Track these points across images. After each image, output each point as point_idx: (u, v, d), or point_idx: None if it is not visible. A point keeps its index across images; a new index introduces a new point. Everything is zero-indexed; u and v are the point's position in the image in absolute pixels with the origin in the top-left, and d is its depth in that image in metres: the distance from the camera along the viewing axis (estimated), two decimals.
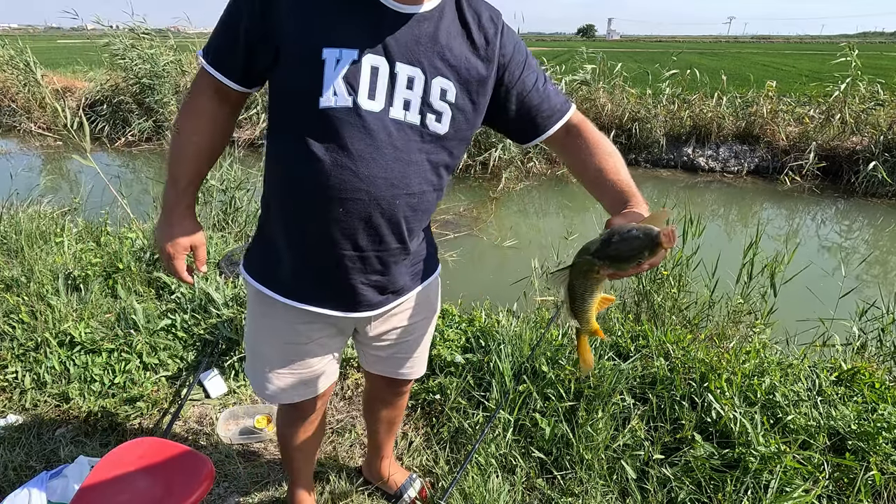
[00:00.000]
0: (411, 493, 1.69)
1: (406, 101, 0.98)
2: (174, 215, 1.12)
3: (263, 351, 1.24)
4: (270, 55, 0.97)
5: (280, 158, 1.04)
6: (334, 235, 1.02)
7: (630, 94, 8.59)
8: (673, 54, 9.83)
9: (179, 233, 1.13)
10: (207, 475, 1.29)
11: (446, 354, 2.17)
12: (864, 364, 2.12)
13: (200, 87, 1.07)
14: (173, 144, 1.09)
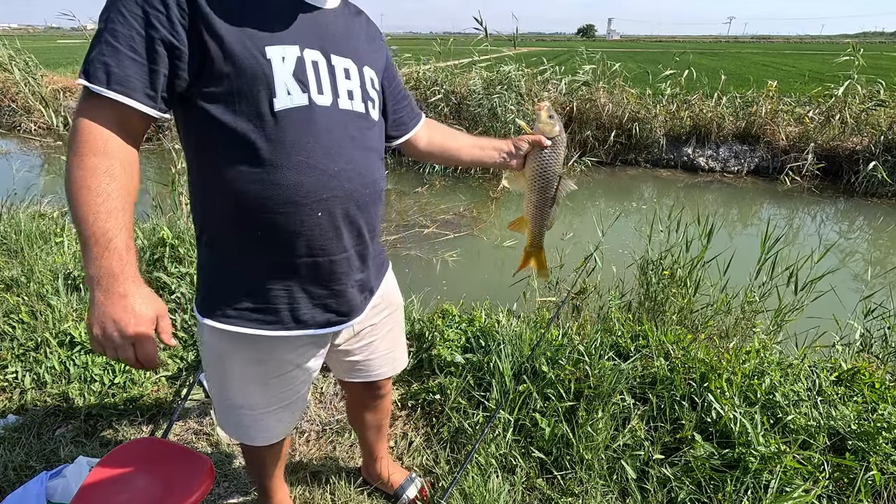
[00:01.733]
0: (410, 493, 1.69)
1: (349, 91, 0.99)
2: (125, 284, 0.85)
3: (253, 401, 1.13)
4: (196, 66, 0.87)
5: (234, 181, 0.91)
6: (322, 242, 0.99)
7: (630, 94, 8.59)
8: (675, 55, 9.83)
9: (141, 305, 0.86)
10: (207, 475, 1.29)
11: (446, 354, 2.17)
12: (864, 364, 2.12)
13: (100, 122, 0.84)
14: (85, 202, 0.82)
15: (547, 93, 8.52)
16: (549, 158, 1.26)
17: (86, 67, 0.82)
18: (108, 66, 0.82)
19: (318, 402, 2.14)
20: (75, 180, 0.82)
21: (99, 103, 0.83)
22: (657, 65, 11.14)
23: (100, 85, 0.82)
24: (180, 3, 0.83)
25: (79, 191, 0.82)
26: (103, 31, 0.82)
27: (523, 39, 11.76)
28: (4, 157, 8.69)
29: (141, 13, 0.82)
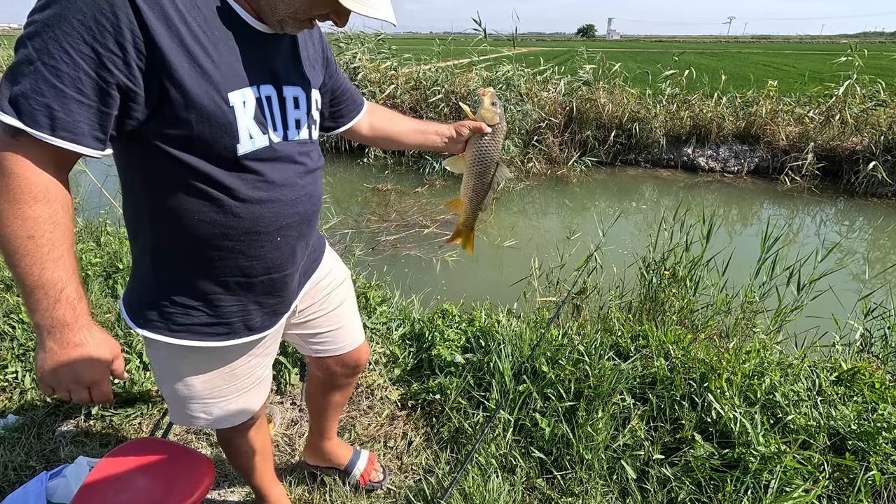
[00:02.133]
0: (361, 465, 1.71)
1: (297, 120, 1.01)
2: (79, 333, 0.82)
3: (213, 395, 1.14)
4: (151, 108, 0.82)
5: (192, 213, 0.91)
6: (279, 262, 1.03)
7: (630, 94, 8.59)
8: (674, 55, 9.83)
9: (97, 350, 0.85)
10: (207, 475, 1.29)
11: (446, 354, 2.17)
12: (864, 364, 2.12)
13: (38, 165, 0.77)
14: (29, 254, 0.77)
15: (547, 93, 8.52)
16: (487, 145, 1.31)
17: (18, 103, 0.73)
18: (52, 110, 0.74)
19: None
20: (16, 231, 0.76)
21: (34, 145, 0.75)
22: (657, 65, 11.15)
23: (42, 131, 0.74)
24: (137, 45, 0.76)
25: (22, 242, 0.76)
26: (38, 64, 0.72)
27: (523, 39, 11.76)
28: None
29: (91, 53, 0.74)
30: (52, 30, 0.72)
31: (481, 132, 1.29)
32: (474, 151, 1.32)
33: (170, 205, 0.90)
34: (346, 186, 7.26)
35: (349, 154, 8.99)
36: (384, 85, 8.74)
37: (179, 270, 0.98)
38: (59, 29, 0.72)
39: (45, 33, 0.72)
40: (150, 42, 0.77)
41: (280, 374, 2.23)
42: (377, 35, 9.53)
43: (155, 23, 0.77)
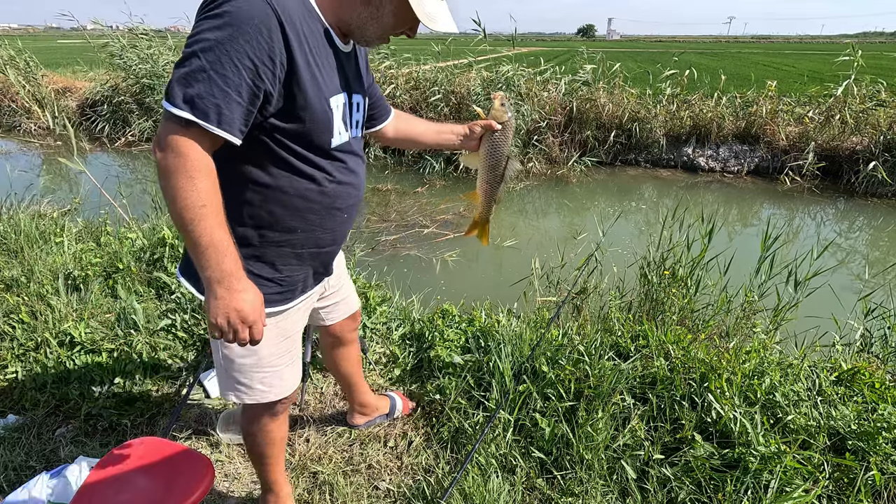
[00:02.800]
0: (400, 406, 2.03)
1: (357, 121, 1.25)
2: (241, 281, 1.01)
3: (275, 361, 1.30)
4: (278, 107, 1.04)
5: (291, 190, 1.13)
6: (339, 231, 1.27)
7: (630, 94, 8.59)
8: (674, 54, 9.83)
9: (254, 297, 1.04)
10: (207, 475, 1.29)
11: (444, 355, 2.17)
12: (864, 364, 2.12)
13: (193, 146, 0.95)
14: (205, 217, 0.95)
15: (547, 93, 8.52)
16: (498, 140, 1.49)
17: (194, 102, 0.92)
18: (220, 109, 0.94)
19: (319, 401, 2.14)
20: (193, 201, 0.94)
21: (202, 134, 0.95)
22: (657, 65, 11.15)
23: (210, 124, 0.94)
24: (282, 60, 0.99)
25: (198, 210, 0.95)
26: (211, 72, 0.92)
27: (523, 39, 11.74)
28: (4, 157, 8.69)
29: (251, 65, 0.95)
30: (224, 47, 0.93)
31: (492, 129, 1.46)
32: (487, 147, 1.48)
33: (272, 183, 1.11)
34: None
35: None
36: (384, 85, 8.73)
37: (263, 245, 1.16)
38: (230, 46, 0.93)
39: (217, 49, 0.93)
40: (290, 58, 1.00)
41: None
42: None
43: (294, 44, 1.00)
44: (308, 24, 1.05)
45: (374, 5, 1.10)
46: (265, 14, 0.95)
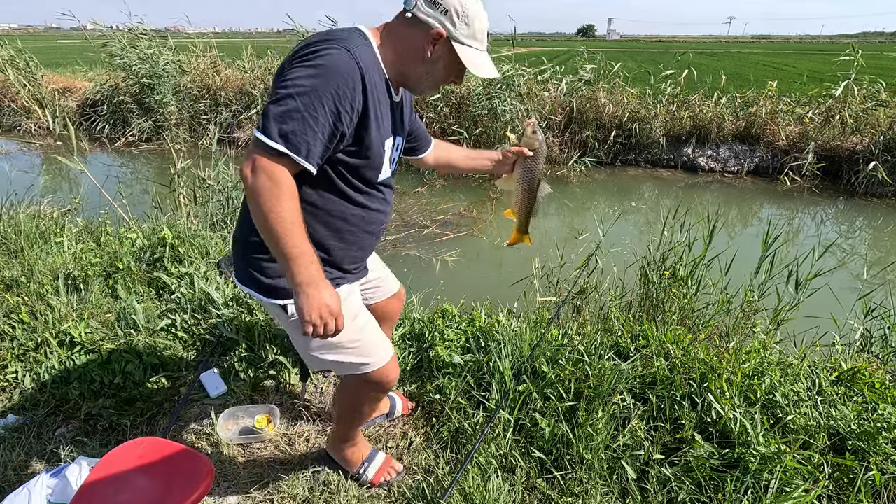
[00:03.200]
0: (400, 406, 2.07)
1: (393, 159, 1.44)
2: (323, 280, 1.20)
3: (373, 324, 1.53)
4: (346, 145, 1.23)
5: (339, 212, 1.35)
6: (368, 248, 1.50)
7: (630, 94, 8.59)
8: (676, 55, 9.83)
9: (335, 294, 1.22)
10: (207, 475, 1.29)
11: (444, 356, 2.16)
12: (864, 364, 2.12)
13: (284, 171, 1.14)
14: (293, 233, 1.14)
15: (547, 93, 8.52)
16: (531, 165, 1.62)
17: (288, 138, 1.11)
18: (309, 145, 1.13)
19: (319, 402, 2.14)
20: (286, 219, 1.13)
21: (291, 163, 1.14)
22: (657, 65, 11.14)
23: (300, 157, 1.13)
24: (358, 108, 1.18)
25: (289, 226, 1.13)
26: (305, 113, 1.10)
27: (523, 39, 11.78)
28: (4, 157, 8.69)
29: (335, 111, 1.13)
30: (317, 93, 1.11)
31: (525, 155, 1.60)
32: (521, 171, 1.63)
33: (321, 205, 1.32)
34: None
35: None
36: None
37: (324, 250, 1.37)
38: (322, 93, 1.11)
39: (311, 95, 1.10)
40: (364, 107, 1.19)
41: (280, 373, 2.23)
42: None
43: (369, 94, 1.19)
44: (377, 77, 1.23)
45: (430, 62, 1.27)
46: (352, 69, 1.14)
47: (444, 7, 1.23)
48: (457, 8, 1.23)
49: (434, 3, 1.23)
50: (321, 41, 1.16)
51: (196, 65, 9.96)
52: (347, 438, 1.75)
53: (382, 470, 1.77)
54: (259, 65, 10.14)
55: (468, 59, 1.27)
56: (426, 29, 1.24)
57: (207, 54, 10.21)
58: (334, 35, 1.18)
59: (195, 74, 9.81)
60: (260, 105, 9.32)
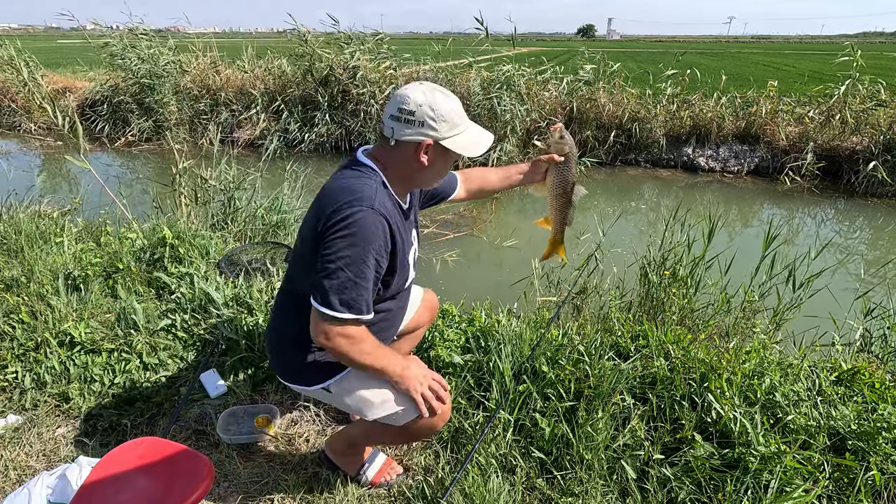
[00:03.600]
0: None
1: (414, 262, 1.57)
2: (408, 363, 1.44)
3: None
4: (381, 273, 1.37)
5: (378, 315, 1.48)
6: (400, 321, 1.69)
7: (630, 94, 8.59)
8: (677, 55, 9.82)
9: (421, 366, 1.47)
10: (207, 475, 1.29)
11: (445, 356, 2.16)
12: (864, 364, 2.12)
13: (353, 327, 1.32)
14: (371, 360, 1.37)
15: (548, 93, 8.51)
16: (563, 170, 1.64)
17: (350, 305, 1.28)
18: (367, 302, 1.31)
19: (318, 402, 2.14)
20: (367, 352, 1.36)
21: (356, 320, 1.31)
22: (657, 65, 11.14)
23: (364, 315, 1.31)
24: (388, 249, 1.34)
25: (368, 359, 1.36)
26: (356, 279, 1.27)
27: (523, 39, 11.79)
28: (4, 157, 8.69)
29: (376, 262, 1.30)
30: (360, 258, 1.27)
31: (556, 162, 1.63)
32: (554, 178, 1.66)
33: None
34: None
35: (349, 154, 8.97)
36: (384, 85, 8.74)
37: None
38: (364, 256, 1.27)
39: (357, 261, 1.27)
40: (393, 245, 1.36)
41: None
42: (376, 35, 9.52)
43: (395, 235, 1.35)
44: (393, 208, 1.37)
45: (431, 165, 1.37)
46: (381, 223, 1.29)
47: (419, 121, 1.29)
48: (429, 114, 1.29)
49: (409, 122, 1.30)
50: (348, 204, 1.28)
51: (196, 65, 9.96)
52: (358, 446, 1.75)
53: (383, 471, 1.76)
54: (259, 65, 10.14)
55: (461, 148, 1.36)
56: (414, 145, 1.32)
57: (207, 54, 10.21)
58: (356, 193, 1.30)
59: (195, 74, 9.81)
60: (260, 105, 9.32)
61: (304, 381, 1.51)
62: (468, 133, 1.37)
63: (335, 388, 1.50)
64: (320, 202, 1.34)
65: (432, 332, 2.32)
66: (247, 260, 3.08)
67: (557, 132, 1.61)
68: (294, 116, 9.16)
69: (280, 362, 1.54)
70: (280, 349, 1.53)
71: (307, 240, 1.36)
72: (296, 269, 1.47)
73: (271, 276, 2.82)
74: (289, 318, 1.48)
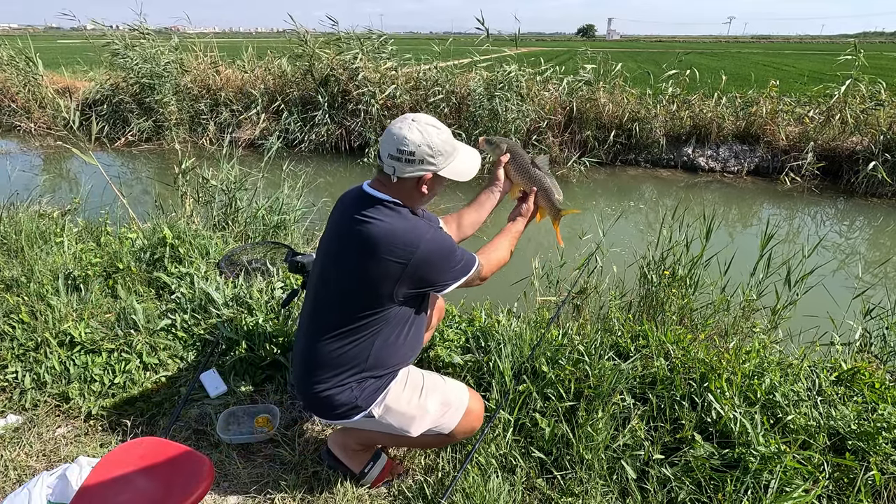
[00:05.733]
0: None
1: None
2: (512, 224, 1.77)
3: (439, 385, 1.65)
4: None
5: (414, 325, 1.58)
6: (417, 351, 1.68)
7: (630, 94, 8.58)
8: (678, 55, 9.82)
9: None
10: (207, 475, 1.29)
11: (444, 356, 2.16)
12: (864, 364, 2.12)
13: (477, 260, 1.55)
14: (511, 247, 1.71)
15: (548, 92, 8.50)
16: (515, 161, 1.71)
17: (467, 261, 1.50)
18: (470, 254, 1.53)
19: None
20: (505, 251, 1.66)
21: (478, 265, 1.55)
22: (657, 65, 11.14)
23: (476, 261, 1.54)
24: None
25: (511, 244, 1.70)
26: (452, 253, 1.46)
27: (523, 39, 11.87)
28: (4, 157, 8.69)
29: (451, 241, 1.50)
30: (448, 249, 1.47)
31: (503, 162, 1.72)
32: (514, 171, 1.73)
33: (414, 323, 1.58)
34: (345, 186, 7.24)
35: (349, 154, 8.99)
36: (384, 85, 8.73)
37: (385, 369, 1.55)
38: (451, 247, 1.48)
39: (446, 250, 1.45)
40: None
41: (281, 374, 2.23)
42: (378, 35, 9.52)
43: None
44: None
45: (430, 192, 1.47)
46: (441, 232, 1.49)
47: (419, 160, 1.38)
48: (427, 152, 1.39)
49: (409, 161, 1.38)
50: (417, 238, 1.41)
51: (196, 65, 9.96)
52: (373, 447, 1.76)
53: (386, 471, 1.76)
54: (259, 65, 10.14)
55: (456, 174, 1.47)
56: (415, 179, 1.43)
57: (208, 54, 10.21)
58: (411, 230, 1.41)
59: (195, 74, 9.81)
60: (260, 105, 9.33)
61: (346, 414, 1.52)
62: (459, 158, 1.48)
63: (377, 410, 1.52)
64: (380, 247, 1.38)
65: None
66: (247, 260, 3.08)
67: (484, 145, 1.71)
68: (294, 116, 9.16)
69: (317, 405, 1.55)
70: (315, 388, 1.51)
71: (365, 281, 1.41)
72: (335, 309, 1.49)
73: (271, 276, 2.82)
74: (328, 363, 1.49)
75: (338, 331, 1.46)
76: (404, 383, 1.56)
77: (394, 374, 1.55)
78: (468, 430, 1.63)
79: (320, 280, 1.51)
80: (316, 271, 1.55)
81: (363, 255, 1.39)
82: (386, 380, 1.54)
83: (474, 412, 1.62)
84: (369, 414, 1.51)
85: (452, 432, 1.59)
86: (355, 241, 1.41)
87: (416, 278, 1.41)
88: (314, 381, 1.50)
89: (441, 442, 1.66)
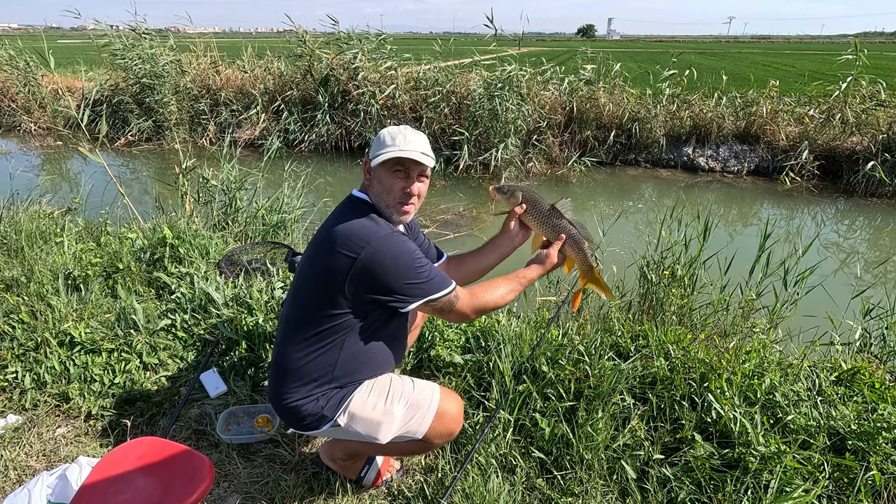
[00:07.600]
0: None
1: None
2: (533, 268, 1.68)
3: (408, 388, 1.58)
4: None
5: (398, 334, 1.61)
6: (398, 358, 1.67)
7: (630, 94, 8.58)
8: (673, 55, 9.81)
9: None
10: (207, 475, 1.29)
11: (445, 355, 2.17)
12: (864, 364, 2.12)
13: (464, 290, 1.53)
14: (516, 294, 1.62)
15: (548, 92, 8.50)
16: (534, 211, 1.56)
17: (442, 280, 1.45)
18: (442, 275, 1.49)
19: None
20: (510, 296, 1.57)
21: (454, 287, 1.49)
22: (657, 65, 11.14)
23: (452, 283, 1.49)
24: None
25: (517, 289, 1.59)
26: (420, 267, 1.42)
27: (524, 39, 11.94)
28: (4, 157, 8.69)
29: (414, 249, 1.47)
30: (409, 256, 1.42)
31: (518, 214, 1.60)
32: (534, 222, 1.58)
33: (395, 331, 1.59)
34: (345, 186, 7.26)
35: (349, 154, 8.99)
36: (384, 85, 8.73)
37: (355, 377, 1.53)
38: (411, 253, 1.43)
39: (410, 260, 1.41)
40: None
41: None
42: (378, 35, 9.51)
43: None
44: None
45: (377, 182, 1.45)
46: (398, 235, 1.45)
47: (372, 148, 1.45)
48: (375, 142, 1.45)
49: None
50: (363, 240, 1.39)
51: (196, 65, 9.96)
52: (360, 456, 1.73)
53: (383, 471, 1.76)
54: (259, 65, 10.14)
55: (381, 157, 1.40)
56: (363, 168, 1.50)
57: (208, 54, 10.21)
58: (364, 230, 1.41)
59: (195, 74, 9.81)
60: (260, 105, 9.33)
61: (313, 425, 1.49)
62: (393, 149, 1.41)
63: (342, 419, 1.48)
64: (336, 241, 1.38)
65: (432, 332, 2.32)
66: (247, 260, 3.08)
67: (497, 193, 1.59)
68: (294, 116, 9.16)
69: (286, 415, 1.51)
70: (284, 399, 1.49)
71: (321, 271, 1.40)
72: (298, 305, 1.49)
73: (271, 276, 2.82)
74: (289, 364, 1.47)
75: (303, 337, 1.44)
76: (369, 389, 1.51)
77: (359, 382, 1.52)
78: (444, 434, 1.54)
79: (294, 284, 1.52)
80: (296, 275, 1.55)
81: (324, 251, 1.40)
82: (350, 388, 1.50)
83: (448, 414, 1.53)
84: (335, 423, 1.48)
85: (426, 437, 1.51)
86: (321, 239, 1.43)
87: (367, 277, 1.36)
88: (283, 390, 1.47)
89: (420, 448, 1.58)
